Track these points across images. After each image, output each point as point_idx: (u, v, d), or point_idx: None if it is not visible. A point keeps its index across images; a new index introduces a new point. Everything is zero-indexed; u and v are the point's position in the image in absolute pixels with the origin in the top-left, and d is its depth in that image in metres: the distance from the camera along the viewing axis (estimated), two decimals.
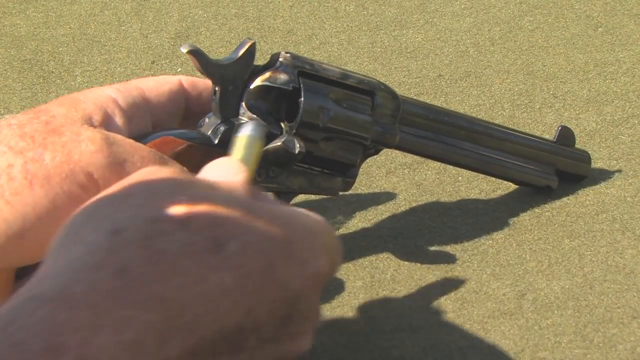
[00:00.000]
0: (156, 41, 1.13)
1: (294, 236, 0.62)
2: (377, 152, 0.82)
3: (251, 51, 0.75)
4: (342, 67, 0.80)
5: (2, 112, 1.01)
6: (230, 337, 0.57)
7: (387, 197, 0.90)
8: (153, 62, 1.09)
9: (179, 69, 1.08)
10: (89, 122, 0.70)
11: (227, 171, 0.67)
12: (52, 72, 1.08)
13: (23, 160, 0.68)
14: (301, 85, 0.76)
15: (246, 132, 0.73)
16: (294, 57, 0.77)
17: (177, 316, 0.54)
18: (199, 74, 0.75)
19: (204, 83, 0.78)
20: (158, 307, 0.53)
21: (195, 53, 0.73)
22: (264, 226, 0.61)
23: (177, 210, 0.58)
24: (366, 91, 0.79)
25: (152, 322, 0.53)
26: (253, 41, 0.75)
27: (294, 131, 0.76)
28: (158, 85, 0.76)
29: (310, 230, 0.64)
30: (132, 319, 0.52)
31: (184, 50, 0.73)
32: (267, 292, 0.60)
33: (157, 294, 0.53)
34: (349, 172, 0.80)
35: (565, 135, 0.91)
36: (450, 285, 0.80)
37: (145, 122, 0.75)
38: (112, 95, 0.73)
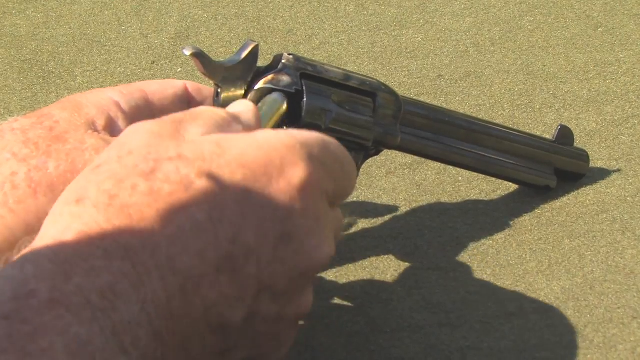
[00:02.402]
0: (156, 41, 1.13)
1: (270, 155, 0.62)
2: (378, 152, 0.82)
3: (254, 53, 0.75)
4: (343, 67, 0.80)
5: (2, 112, 1.01)
6: (223, 266, 0.59)
7: (387, 197, 0.90)
8: (153, 62, 1.09)
9: (179, 69, 1.08)
10: (93, 127, 0.70)
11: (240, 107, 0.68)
12: (52, 72, 1.08)
13: (27, 168, 0.68)
14: (304, 88, 0.76)
15: (272, 96, 0.74)
16: (297, 59, 0.77)
17: (148, 260, 0.56)
18: (199, 74, 0.75)
19: (209, 90, 0.78)
20: (125, 255, 0.56)
21: (199, 55, 0.73)
22: (238, 153, 0.61)
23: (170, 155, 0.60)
24: (368, 92, 0.79)
25: (123, 269, 0.55)
26: (256, 43, 0.75)
27: None
28: (162, 89, 0.76)
29: (288, 145, 0.63)
30: (102, 268, 0.55)
31: (187, 53, 0.72)
32: (250, 217, 0.60)
33: (123, 243, 0.56)
34: None
35: (565, 135, 0.91)
36: (450, 285, 0.80)
37: None
38: (115, 98, 0.73)
